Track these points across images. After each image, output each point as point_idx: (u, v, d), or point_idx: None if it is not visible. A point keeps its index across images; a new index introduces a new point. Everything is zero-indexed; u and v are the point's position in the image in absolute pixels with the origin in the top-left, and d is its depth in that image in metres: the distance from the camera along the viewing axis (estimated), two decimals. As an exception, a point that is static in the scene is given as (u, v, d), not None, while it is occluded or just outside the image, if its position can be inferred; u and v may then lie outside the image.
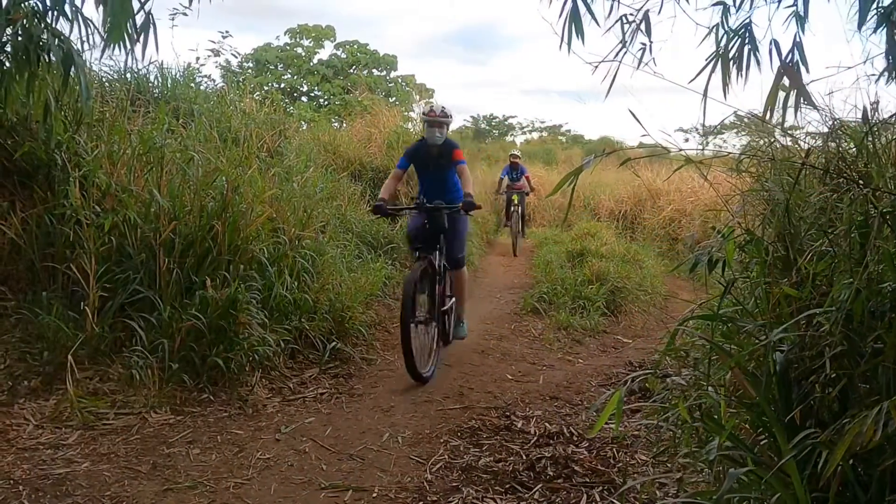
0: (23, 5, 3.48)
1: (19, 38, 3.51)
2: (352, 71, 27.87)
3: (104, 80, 6.19)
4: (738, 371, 2.09)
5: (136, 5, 3.08)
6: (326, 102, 26.97)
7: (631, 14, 2.72)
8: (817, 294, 2.15)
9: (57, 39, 3.50)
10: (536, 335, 6.43)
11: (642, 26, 2.71)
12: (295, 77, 28.53)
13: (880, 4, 2.20)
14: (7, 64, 3.75)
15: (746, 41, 2.61)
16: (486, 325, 6.54)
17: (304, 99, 28.34)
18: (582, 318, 6.76)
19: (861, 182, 2.10)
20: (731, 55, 2.62)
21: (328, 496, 3.03)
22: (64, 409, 3.50)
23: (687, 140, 11.67)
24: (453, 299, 5.34)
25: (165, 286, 4.09)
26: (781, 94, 2.20)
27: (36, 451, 3.16)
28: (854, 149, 2.36)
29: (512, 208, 12.34)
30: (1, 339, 3.89)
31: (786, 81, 2.11)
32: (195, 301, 4.03)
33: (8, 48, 3.68)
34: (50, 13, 3.61)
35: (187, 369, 3.91)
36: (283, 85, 28.09)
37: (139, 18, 3.23)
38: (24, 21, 3.47)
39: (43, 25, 3.54)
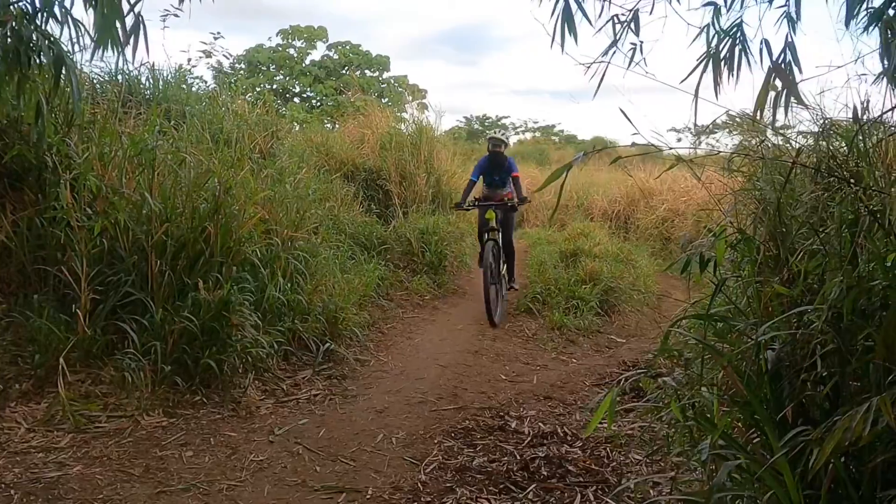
0: (12, 7, 3.45)
1: (9, 40, 3.49)
2: (344, 72, 27.79)
3: (95, 81, 6.16)
4: (730, 370, 2.10)
5: (125, 6, 3.06)
6: (319, 103, 26.89)
7: (622, 14, 2.73)
8: (808, 292, 2.16)
9: (47, 41, 3.47)
10: (530, 335, 6.43)
11: (632, 25, 2.72)
12: (287, 78, 28.43)
13: (870, 4, 2.21)
14: (-3, 66, 3.72)
15: (738, 41, 2.62)
16: (480, 326, 6.54)
17: (296, 100, 28.24)
18: (575, 318, 6.77)
19: (852, 181, 2.11)
20: (722, 55, 2.62)
21: (322, 498, 3.03)
22: (56, 412, 3.48)
23: (679, 140, 11.71)
24: None
25: (157, 288, 4.07)
26: (772, 94, 2.21)
27: (27, 455, 3.14)
28: (845, 148, 2.38)
29: (486, 236, 6.83)
30: (-8, 342, 3.87)
31: (777, 82, 2.12)
32: (187, 303, 4.01)
33: (-3, 50, 3.65)
34: (39, 15, 3.59)
35: (180, 371, 3.90)
36: (275, 86, 28.00)
37: (129, 20, 3.21)
38: (14, 23, 3.44)
39: (33, 27, 3.52)
